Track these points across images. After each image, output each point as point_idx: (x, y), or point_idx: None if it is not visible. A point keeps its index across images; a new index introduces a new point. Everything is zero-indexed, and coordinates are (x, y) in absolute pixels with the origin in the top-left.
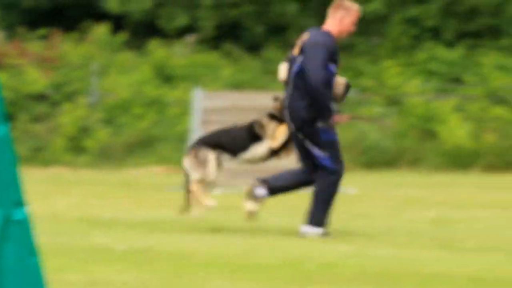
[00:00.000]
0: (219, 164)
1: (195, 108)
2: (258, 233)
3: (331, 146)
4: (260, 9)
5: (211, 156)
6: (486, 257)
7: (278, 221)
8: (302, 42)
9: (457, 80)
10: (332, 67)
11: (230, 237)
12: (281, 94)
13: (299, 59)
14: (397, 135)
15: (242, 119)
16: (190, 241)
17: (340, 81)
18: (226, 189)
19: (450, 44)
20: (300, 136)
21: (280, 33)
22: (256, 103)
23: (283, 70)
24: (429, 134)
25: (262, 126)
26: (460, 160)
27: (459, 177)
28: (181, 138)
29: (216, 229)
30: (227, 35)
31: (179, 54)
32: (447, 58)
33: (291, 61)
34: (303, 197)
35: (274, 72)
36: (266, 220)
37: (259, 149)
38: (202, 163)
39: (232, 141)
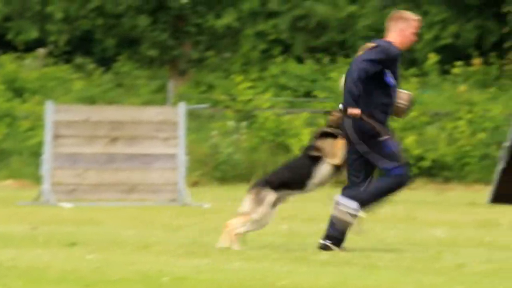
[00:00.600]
0: (274, 205)
1: (47, 121)
2: (112, 247)
3: (397, 155)
4: (111, 22)
5: (269, 198)
6: (339, 270)
7: (132, 234)
8: (367, 47)
9: (308, 95)
10: (390, 77)
11: (84, 252)
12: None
13: None
14: (249, 149)
15: (94, 133)
16: (43, 256)
17: (404, 96)
18: (79, 202)
19: (300, 59)
20: (364, 149)
21: (131, 46)
22: (108, 116)
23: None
24: (281, 148)
25: (318, 149)
26: None
27: None
28: (34, 151)
29: (69, 244)
30: (79, 48)
31: (30, 67)
32: (298, 73)
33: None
34: (159, 210)
35: (125, 85)
36: (120, 234)
37: (323, 170)
38: (259, 202)
39: (295, 175)
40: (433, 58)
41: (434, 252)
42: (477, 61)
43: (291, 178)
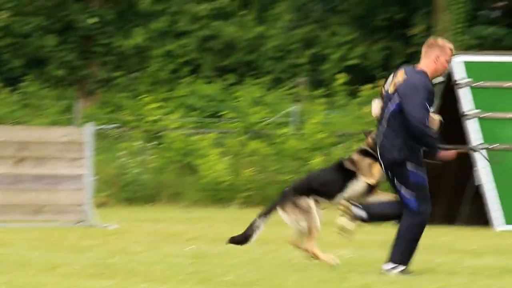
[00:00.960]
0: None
1: None
2: (19, 269)
3: (419, 188)
4: (18, 42)
5: (309, 201)
6: None
7: (39, 256)
8: (398, 82)
9: (215, 115)
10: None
11: None
12: (371, 130)
13: (395, 99)
14: (157, 169)
15: (0, 153)
16: None
17: (434, 118)
18: None
19: (208, 79)
20: (389, 174)
21: (39, 66)
22: (14, 137)
23: (376, 107)
24: (189, 169)
25: (353, 162)
26: (219, 195)
27: (218, 211)
28: None
29: None
30: None
31: None
32: (206, 93)
33: (386, 99)
34: (66, 231)
35: (33, 106)
36: (27, 255)
37: (356, 186)
38: (305, 211)
39: (325, 186)
40: (341, 78)
41: (341, 272)
42: (383, 82)
43: (322, 187)
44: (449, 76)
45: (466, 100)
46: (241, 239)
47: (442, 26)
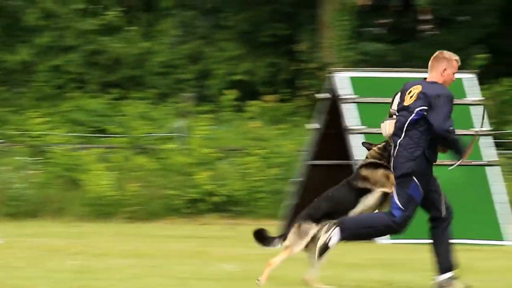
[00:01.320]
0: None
1: None
2: None
3: (411, 203)
4: None
5: (312, 231)
6: None
7: None
8: (419, 92)
9: (101, 130)
10: None
11: None
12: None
13: (416, 107)
14: (41, 184)
15: None
16: None
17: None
18: None
19: (94, 94)
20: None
21: None
22: None
23: (388, 126)
24: (73, 184)
25: (365, 178)
26: (103, 210)
27: (102, 226)
28: None
29: None
30: None
31: None
32: (92, 108)
33: (404, 112)
34: None
35: None
36: None
37: (370, 199)
38: (301, 236)
39: (337, 205)
40: (230, 94)
41: (224, 286)
42: (270, 97)
43: (334, 208)
44: (333, 92)
45: (350, 115)
46: (266, 237)
47: (327, 42)
